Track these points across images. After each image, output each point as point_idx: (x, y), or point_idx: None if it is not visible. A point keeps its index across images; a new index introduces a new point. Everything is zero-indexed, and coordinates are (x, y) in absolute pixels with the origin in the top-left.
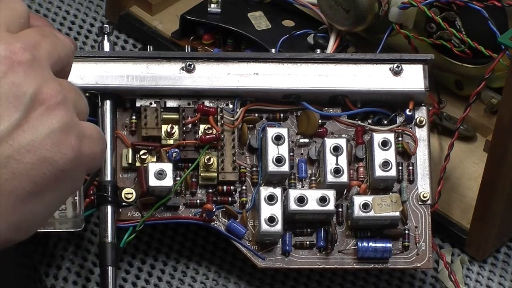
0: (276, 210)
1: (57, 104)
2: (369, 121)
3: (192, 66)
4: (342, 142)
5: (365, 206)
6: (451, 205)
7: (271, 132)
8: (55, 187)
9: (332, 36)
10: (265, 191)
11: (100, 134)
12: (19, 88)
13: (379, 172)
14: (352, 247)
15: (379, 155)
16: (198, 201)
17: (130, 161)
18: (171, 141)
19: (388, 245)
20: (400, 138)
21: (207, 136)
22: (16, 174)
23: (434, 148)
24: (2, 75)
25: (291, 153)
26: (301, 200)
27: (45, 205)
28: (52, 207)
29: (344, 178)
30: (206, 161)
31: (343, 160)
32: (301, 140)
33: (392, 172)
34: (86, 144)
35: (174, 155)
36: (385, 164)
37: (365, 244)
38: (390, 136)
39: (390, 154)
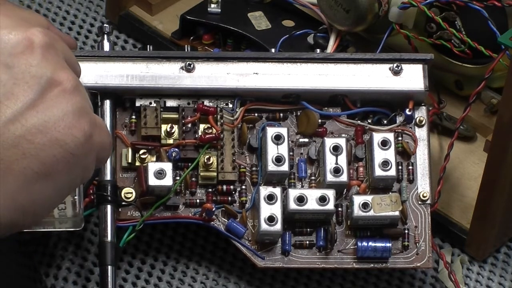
0: (275, 209)
1: (73, 89)
2: (369, 120)
3: (191, 66)
4: (341, 141)
5: (365, 205)
6: (451, 205)
7: (271, 131)
8: (65, 170)
9: (332, 36)
10: (264, 191)
11: (107, 127)
12: (36, 69)
13: (378, 172)
14: (351, 247)
15: (379, 155)
16: (197, 200)
17: (129, 161)
18: (170, 141)
19: (388, 244)
20: (400, 138)
21: (207, 136)
22: (26, 155)
23: (434, 148)
24: (20, 55)
25: (291, 153)
26: (301, 199)
27: (54, 188)
28: (62, 192)
29: (343, 177)
30: (205, 161)
31: (342, 160)
32: (301, 140)
33: (392, 172)
34: (97, 132)
35: (173, 155)
36: (385, 164)
37: (364, 243)
38: (390, 136)
39: (390, 154)
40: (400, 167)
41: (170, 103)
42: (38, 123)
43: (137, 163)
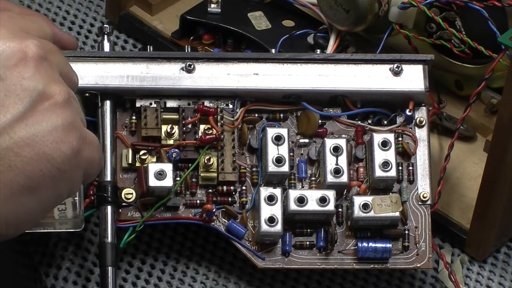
0: (276, 210)
1: (64, 103)
2: (369, 121)
3: (192, 66)
4: (342, 142)
5: (365, 206)
6: (451, 205)
7: (271, 132)
8: (50, 185)
9: (332, 36)
10: (265, 192)
11: (99, 143)
12: (28, 81)
13: (379, 173)
14: (352, 248)
15: (379, 155)
16: (198, 201)
17: (130, 161)
18: (171, 141)
19: (388, 245)
20: (400, 138)
21: (207, 137)
22: (13, 167)
23: (434, 148)
24: (12, 68)
25: (291, 153)
26: (301, 200)
27: (39, 202)
28: (47, 205)
29: (344, 178)
30: (206, 161)
31: (343, 161)
32: (301, 140)
33: (392, 173)
34: (86, 148)
35: (174, 155)
36: (385, 165)
37: (365, 244)
38: (390, 136)
39: (390, 155)
40: (400, 168)
41: (171, 103)
42: (26, 136)
43: (137, 164)
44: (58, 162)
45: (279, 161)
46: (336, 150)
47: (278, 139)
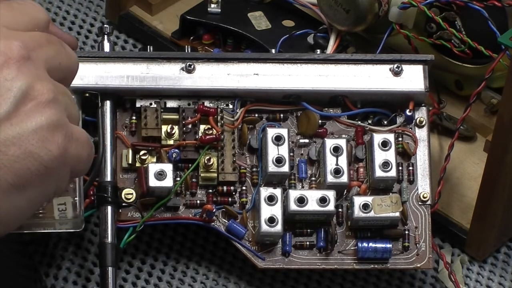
0: (276, 210)
1: (48, 102)
2: (369, 121)
3: (192, 67)
4: (342, 142)
5: (365, 206)
6: (451, 205)
7: (271, 132)
8: (38, 183)
9: (332, 36)
10: (265, 192)
11: (88, 139)
12: (11, 82)
13: (379, 173)
14: (352, 248)
15: (379, 156)
16: (198, 201)
17: (130, 162)
18: (171, 142)
19: (388, 245)
20: (400, 139)
21: (207, 137)
22: (0, 166)
23: (434, 148)
24: None
25: (291, 154)
26: (301, 200)
27: (28, 200)
28: (35, 203)
29: (344, 178)
30: (206, 162)
31: (343, 161)
32: (301, 141)
33: (392, 173)
34: (73, 145)
35: (174, 156)
36: (385, 165)
37: (365, 244)
38: (390, 137)
39: (390, 155)
40: (400, 168)
41: (171, 104)
42: (12, 136)
43: (138, 164)
44: (45, 160)
45: (279, 161)
46: (336, 150)
47: (278, 139)
